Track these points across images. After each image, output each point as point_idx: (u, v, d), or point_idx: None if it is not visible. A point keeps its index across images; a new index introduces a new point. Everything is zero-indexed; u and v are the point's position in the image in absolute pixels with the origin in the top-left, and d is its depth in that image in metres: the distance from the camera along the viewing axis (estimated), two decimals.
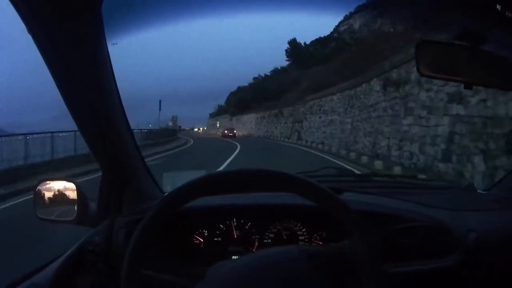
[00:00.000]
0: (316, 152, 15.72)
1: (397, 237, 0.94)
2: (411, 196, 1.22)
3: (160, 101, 31.89)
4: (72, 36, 0.63)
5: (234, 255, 0.92)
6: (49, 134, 11.80)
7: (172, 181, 1.34)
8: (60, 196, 0.94)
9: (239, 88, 52.99)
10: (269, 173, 0.63)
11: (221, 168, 7.66)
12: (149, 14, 0.97)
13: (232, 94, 56.94)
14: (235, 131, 35.41)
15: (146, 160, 1.03)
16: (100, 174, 0.94)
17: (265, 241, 0.96)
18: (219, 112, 64.34)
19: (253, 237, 0.95)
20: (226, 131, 35.23)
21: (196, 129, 73.37)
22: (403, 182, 1.59)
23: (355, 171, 6.55)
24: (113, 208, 0.93)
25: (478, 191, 1.40)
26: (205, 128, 75.11)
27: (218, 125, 55.86)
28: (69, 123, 0.80)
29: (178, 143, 22.20)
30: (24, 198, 6.10)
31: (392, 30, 15.17)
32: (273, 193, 0.75)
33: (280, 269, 0.55)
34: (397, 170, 9.07)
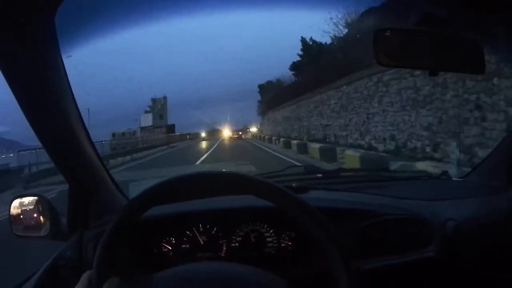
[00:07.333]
0: None
1: (369, 233, 0.91)
2: (383, 189, 1.19)
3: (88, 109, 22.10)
4: (27, 51, 0.65)
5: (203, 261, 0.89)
6: None
7: (138, 190, 1.35)
8: (33, 212, 0.94)
9: None
10: (224, 175, 0.60)
11: None
12: None
13: None
14: None
15: None
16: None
17: (232, 245, 0.93)
18: None
19: (221, 241, 0.93)
20: None
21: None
22: (374, 175, 1.55)
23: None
24: (80, 221, 0.92)
25: (454, 179, 1.38)
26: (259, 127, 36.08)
27: None
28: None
29: None
30: None
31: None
32: (237, 196, 0.73)
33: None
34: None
